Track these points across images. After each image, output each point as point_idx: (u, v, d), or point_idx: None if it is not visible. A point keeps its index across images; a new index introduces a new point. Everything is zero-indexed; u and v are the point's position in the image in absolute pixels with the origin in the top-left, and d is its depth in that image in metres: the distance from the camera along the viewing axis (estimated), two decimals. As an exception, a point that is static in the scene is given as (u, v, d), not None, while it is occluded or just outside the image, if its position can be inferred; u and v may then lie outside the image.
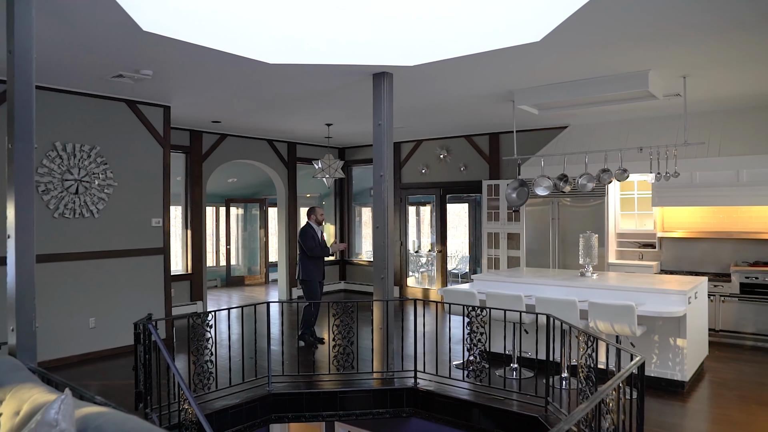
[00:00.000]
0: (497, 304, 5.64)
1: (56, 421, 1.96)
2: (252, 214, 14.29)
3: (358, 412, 5.48)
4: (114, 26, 4.42)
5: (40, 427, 1.93)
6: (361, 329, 5.71)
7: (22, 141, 3.32)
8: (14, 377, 2.83)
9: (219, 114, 8.35)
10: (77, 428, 2.07)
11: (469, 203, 11.72)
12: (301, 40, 5.21)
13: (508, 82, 6.33)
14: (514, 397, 5.13)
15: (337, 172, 9.24)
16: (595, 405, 2.69)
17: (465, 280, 11.22)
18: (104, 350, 6.94)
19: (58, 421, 1.96)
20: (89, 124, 6.85)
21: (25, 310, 3.38)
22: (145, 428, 2.01)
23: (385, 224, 5.76)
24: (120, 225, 7.13)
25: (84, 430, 2.08)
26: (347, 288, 12.41)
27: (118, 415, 2.16)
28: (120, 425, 2.05)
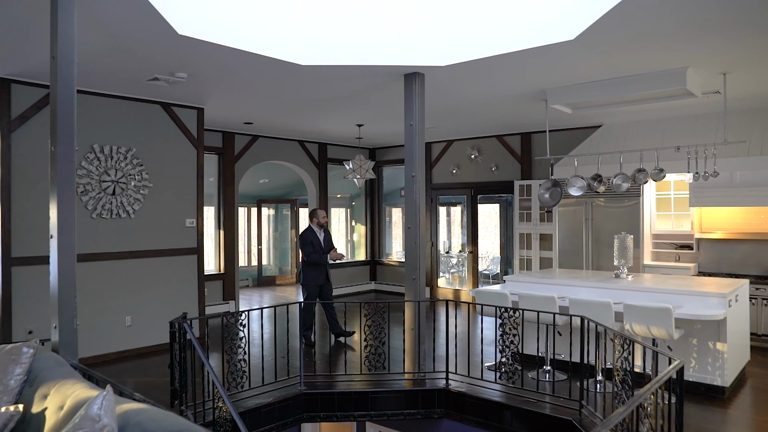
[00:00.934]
0: (530, 306, 5.58)
1: (99, 416, 2.01)
2: (283, 215, 14.43)
3: (389, 413, 5.48)
4: (150, 30, 4.51)
5: (83, 421, 1.98)
6: (391, 329, 5.70)
7: (64, 144, 3.42)
8: (57, 373, 2.91)
9: (251, 115, 8.45)
10: (118, 424, 2.12)
11: (500, 204, 11.62)
12: (333, 41, 5.24)
13: (541, 81, 6.26)
14: (547, 400, 5.07)
15: (368, 173, 9.26)
16: (634, 409, 2.64)
17: (496, 282, 11.13)
18: (140, 348, 7.08)
19: (100, 416, 2.01)
20: (126, 127, 7.00)
21: (66, 308, 3.48)
22: (183, 425, 2.04)
23: (417, 225, 5.76)
24: (155, 225, 7.27)
25: (125, 425, 2.13)
26: (377, 288, 12.43)
27: (157, 412, 2.20)
28: (159, 421, 2.09)
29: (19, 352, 2.92)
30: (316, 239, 7.35)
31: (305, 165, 11.20)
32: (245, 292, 12.41)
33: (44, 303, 6.13)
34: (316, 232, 7.40)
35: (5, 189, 6.08)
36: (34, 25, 4.43)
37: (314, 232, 7.39)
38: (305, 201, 12.47)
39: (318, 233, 7.42)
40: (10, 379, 2.84)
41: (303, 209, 14.01)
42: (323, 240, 7.44)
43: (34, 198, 6.20)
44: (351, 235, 13.07)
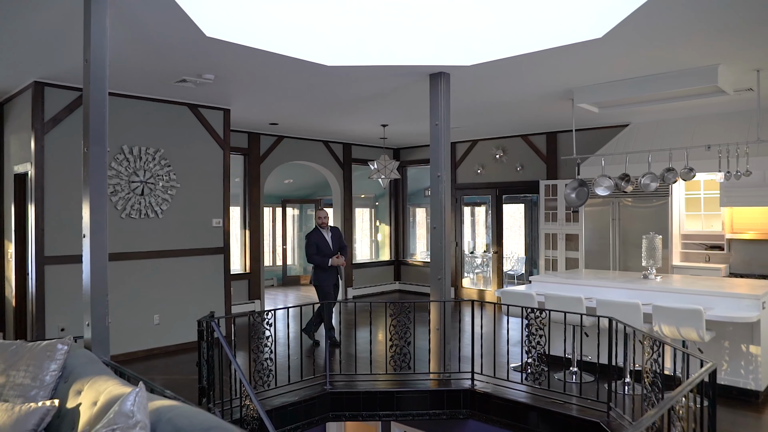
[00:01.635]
0: (556, 306, 5.53)
1: (132, 412, 2.04)
2: (307, 215, 14.50)
3: (414, 413, 5.48)
4: (179, 33, 4.58)
5: (118, 417, 2.02)
6: (416, 329, 5.70)
7: (97, 145, 3.49)
8: (91, 369, 2.97)
9: (276, 116, 8.52)
10: (150, 420, 2.16)
11: (525, 204, 11.53)
12: (359, 41, 5.26)
13: (568, 80, 6.19)
14: (573, 402, 5.02)
15: (393, 173, 9.26)
16: (665, 412, 2.60)
17: (521, 282, 11.05)
18: (168, 346, 7.18)
19: (134, 412, 2.05)
20: (154, 128, 7.11)
21: (99, 306, 3.55)
22: (214, 422, 2.07)
23: (443, 225, 5.74)
24: (182, 225, 7.37)
25: (157, 421, 2.17)
26: (402, 288, 12.43)
27: (188, 409, 2.24)
28: (190, 418, 2.12)
29: (54, 348, 2.98)
30: (321, 240, 7.26)
31: (330, 165, 11.25)
32: (270, 291, 12.51)
33: (75, 301, 6.27)
34: (323, 232, 7.32)
35: (39, 189, 6.23)
36: (67, 30, 4.53)
37: (320, 232, 7.32)
38: (330, 201, 12.52)
39: (325, 233, 7.33)
40: (46, 374, 2.91)
41: (327, 209, 14.06)
42: (331, 240, 7.33)
43: (66, 198, 6.33)
44: (375, 235, 13.10)
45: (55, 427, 2.72)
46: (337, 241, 7.40)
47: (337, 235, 7.45)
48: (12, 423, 2.61)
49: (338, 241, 7.41)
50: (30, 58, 5.42)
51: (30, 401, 2.79)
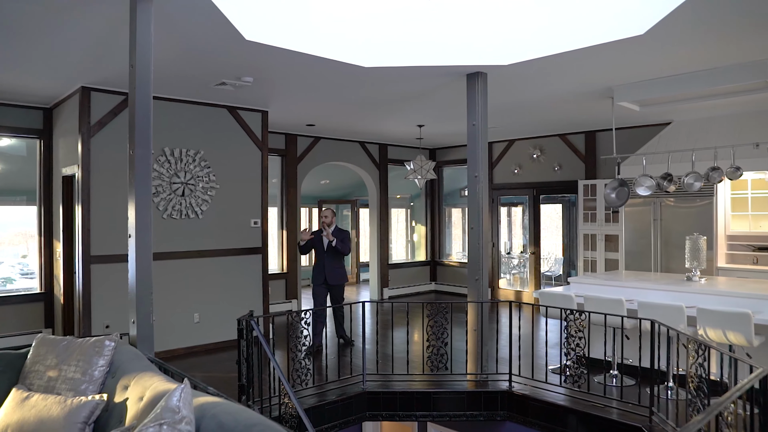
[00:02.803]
0: (596, 308, 5.43)
1: (178, 408, 2.10)
2: (343, 215, 14.60)
3: (451, 414, 5.47)
4: (220, 37, 4.67)
5: (164, 412, 2.08)
6: (453, 330, 5.68)
7: (142, 147, 3.58)
8: (136, 366, 3.06)
9: (313, 117, 8.60)
10: (195, 415, 2.21)
11: (563, 204, 11.37)
12: (396, 42, 5.27)
13: (608, 78, 6.08)
14: (614, 405, 4.93)
15: (429, 173, 9.24)
16: (713, 418, 2.53)
17: (558, 283, 10.90)
18: (207, 344, 7.32)
19: (179, 408, 2.10)
20: (194, 130, 7.26)
21: (143, 305, 3.65)
22: (257, 419, 2.11)
23: (480, 225, 5.71)
24: (221, 225, 7.51)
25: (201, 417, 2.22)
26: (437, 289, 12.40)
27: (232, 406, 2.28)
28: (234, 415, 2.16)
29: (102, 345, 3.08)
30: (317, 239, 7.21)
31: (366, 166, 11.30)
32: (306, 291, 12.60)
33: (119, 299, 6.44)
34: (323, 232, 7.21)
35: (85, 191, 6.43)
36: (112, 37, 4.68)
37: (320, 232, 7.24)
38: (365, 201, 12.57)
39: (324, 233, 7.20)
40: (95, 370, 3.00)
41: (363, 210, 14.14)
42: (326, 242, 7.17)
43: (110, 199, 6.52)
44: (411, 235, 13.09)
45: (104, 420, 2.81)
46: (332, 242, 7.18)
47: (338, 238, 7.16)
48: (65, 415, 2.71)
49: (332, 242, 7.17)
50: (78, 64, 5.61)
51: (80, 395, 2.89)
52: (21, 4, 4.01)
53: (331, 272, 7.16)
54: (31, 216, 7.94)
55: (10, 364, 3.19)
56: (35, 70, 5.81)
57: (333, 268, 7.18)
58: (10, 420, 2.79)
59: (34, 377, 3.04)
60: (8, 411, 2.84)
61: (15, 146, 7.80)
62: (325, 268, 7.17)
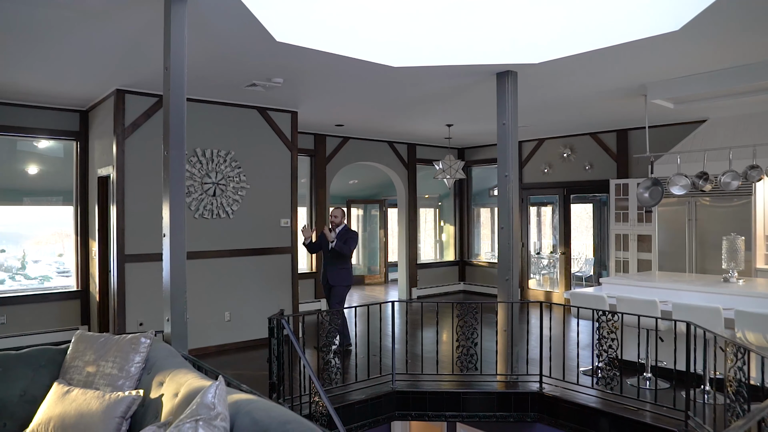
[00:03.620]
0: (629, 309, 5.34)
1: (213, 404, 2.13)
2: (371, 215, 14.63)
3: (481, 414, 5.44)
4: (251, 38, 4.72)
5: (200, 408, 2.11)
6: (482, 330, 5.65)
7: (176, 148, 3.65)
8: (171, 362, 3.11)
9: (342, 117, 8.64)
10: (230, 412, 2.24)
11: (593, 203, 11.22)
12: (425, 42, 5.26)
13: (641, 75, 5.98)
14: (648, 408, 4.84)
15: (458, 173, 9.21)
16: (754, 424, 2.47)
17: (589, 284, 10.76)
18: (238, 342, 7.41)
19: (215, 404, 2.13)
20: (225, 131, 7.36)
21: (178, 303, 3.71)
22: (291, 416, 2.13)
23: (510, 225, 5.67)
24: (252, 225, 7.59)
25: (236, 413, 2.25)
26: (466, 289, 12.34)
27: (265, 403, 2.31)
28: (268, 411, 2.19)
29: (138, 342, 3.15)
30: (325, 240, 6.99)
31: (394, 166, 11.31)
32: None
33: (152, 297, 6.60)
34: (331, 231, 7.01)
35: (120, 192, 6.57)
36: (146, 40, 4.77)
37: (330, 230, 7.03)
38: (394, 201, 12.57)
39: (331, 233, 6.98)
40: (131, 366, 3.07)
41: (391, 209, 14.15)
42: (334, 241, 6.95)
43: (143, 199, 6.65)
44: (440, 235, 13.06)
45: (140, 415, 2.87)
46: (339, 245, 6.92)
47: (343, 238, 6.90)
48: (103, 409, 2.77)
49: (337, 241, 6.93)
50: (112, 68, 5.74)
51: (118, 390, 2.96)
52: (58, 11, 4.12)
53: (332, 273, 6.97)
54: (67, 216, 8.15)
55: (52, 360, 3.29)
56: (72, 74, 5.97)
57: (335, 269, 6.97)
58: (53, 413, 2.87)
59: (74, 372, 3.12)
60: (51, 404, 2.92)
61: (53, 148, 8.01)
62: (327, 267, 7.03)
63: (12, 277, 9.51)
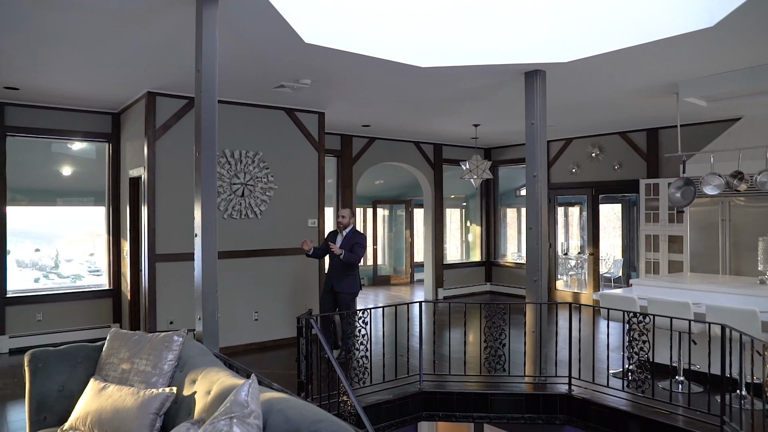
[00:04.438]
0: (660, 311, 5.25)
1: (247, 402, 2.16)
2: (397, 215, 14.64)
3: (508, 416, 5.40)
4: (279, 40, 4.76)
5: (233, 406, 2.14)
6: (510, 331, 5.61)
7: (208, 149, 3.70)
8: (203, 361, 3.16)
9: (369, 118, 8.66)
10: (262, 410, 2.26)
11: (622, 204, 11.06)
12: (453, 41, 5.25)
13: (673, 73, 5.87)
14: (680, 413, 4.75)
15: (485, 173, 9.16)
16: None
17: (618, 285, 10.61)
18: (266, 341, 7.48)
19: (248, 402, 2.16)
20: (253, 132, 7.44)
21: (209, 302, 3.76)
22: (322, 415, 2.14)
23: (539, 225, 5.62)
24: (279, 225, 7.65)
25: (268, 412, 2.27)
26: (492, 290, 12.27)
27: (297, 402, 2.33)
28: (300, 410, 2.21)
29: (170, 340, 3.20)
30: (330, 239, 6.65)
31: (421, 166, 11.30)
32: (361, 291, 12.70)
33: (182, 295, 6.70)
34: (337, 235, 6.68)
35: (151, 192, 6.69)
36: (177, 43, 4.84)
37: (336, 232, 6.74)
38: (419, 201, 12.58)
39: (338, 235, 6.66)
40: (164, 363, 3.12)
41: (417, 210, 14.15)
42: (340, 244, 6.54)
43: (174, 200, 6.76)
44: (466, 235, 13.01)
45: (173, 412, 2.92)
46: (346, 247, 6.49)
47: (351, 242, 6.52)
48: (138, 406, 2.83)
49: (347, 247, 6.48)
50: (144, 71, 5.84)
51: (151, 387, 3.01)
52: (93, 17, 4.21)
53: (337, 279, 6.50)
54: (98, 216, 8.33)
55: (88, 356, 3.37)
56: (105, 77, 6.10)
57: (341, 275, 6.50)
58: (90, 408, 2.94)
59: (109, 369, 3.19)
60: (88, 400, 2.99)
61: (86, 150, 8.20)
62: (332, 272, 6.57)
63: (46, 275, 9.75)
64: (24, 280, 9.18)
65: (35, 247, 9.95)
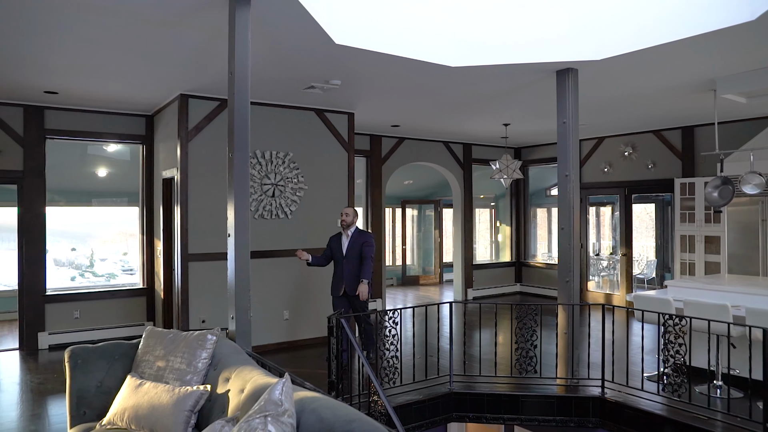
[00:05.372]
0: (697, 314, 5.12)
1: (281, 401, 2.17)
2: (426, 215, 14.60)
3: (540, 418, 5.33)
4: (310, 41, 4.79)
5: (268, 405, 2.16)
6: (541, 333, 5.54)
7: (240, 151, 3.74)
8: (236, 359, 3.20)
9: (398, 118, 8.65)
10: (296, 409, 2.27)
11: (656, 203, 10.84)
12: (483, 41, 5.21)
13: (710, 69, 5.73)
14: (719, 418, 4.63)
15: (516, 173, 9.08)
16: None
17: (651, 286, 10.40)
18: (296, 341, 7.53)
19: (282, 401, 2.17)
20: (283, 133, 7.50)
21: (242, 301, 3.80)
22: (355, 415, 2.15)
23: (571, 226, 5.54)
24: (309, 225, 7.70)
25: (301, 410, 2.28)
26: (523, 290, 12.15)
27: (330, 401, 2.34)
28: (333, 410, 2.21)
29: (204, 338, 3.24)
30: (336, 243, 6.34)
31: (450, 166, 11.25)
32: (390, 291, 12.73)
33: (214, 295, 6.79)
34: (341, 235, 6.36)
35: (183, 193, 6.79)
36: (210, 46, 4.91)
37: (339, 234, 6.40)
38: (448, 201, 12.51)
39: (343, 237, 6.31)
40: (198, 362, 3.17)
41: (446, 210, 14.09)
42: (347, 245, 6.22)
43: (206, 200, 6.86)
44: (495, 236, 12.91)
45: (207, 409, 2.96)
46: (354, 249, 6.17)
47: (358, 242, 6.18)
48: (173, 402, 2.88)
49: (355, 249, 6.17)
50: (177, 74, 5.94)
51: (186, 385, 3.06)
52: (128, 21, 4.29)
53: (350, 281, 6.17)
54: (131, 216, 8.50)
55: (125, 354, 3.44)
56: (139, 80, 6.22)
57: (353, 277, 6.17)
58: (127, 404, 3.00)
59: (145, 366, 3.25)
60: (125, 396, 3.06)
61: (121, 151, 8.37)
62: (344, 276, 6.21)
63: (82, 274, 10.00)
64: (61, 279, 9.43)
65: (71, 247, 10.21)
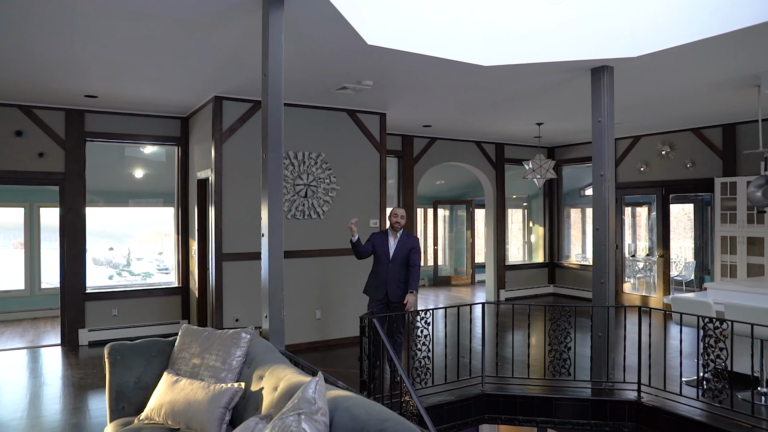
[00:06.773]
0: (739, 317, 4.98)
1: (314, 399, 2.19)
2: (458, 216, 14.53)
3: (573, 421, 5.25)
4: (342, 43, 4.82)
5: (301, 403, 2.17)
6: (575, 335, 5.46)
7: (274, 151, 3.78)
8: (270, 358, 3.23)
9: (430, 118, 8.63)
10: (329, 407, 2.29)
11: (694, 203, 10.57)
12: (516, 39, 5.16)
13: (753, 64, 5.54)
14: (764, 426, 4.49)
15: (549, 173, 8.96)
16: None
17: (690, 289, 10.16)
18: (327, 340, 7.58)
19: (315, 399, 2.19)
20: (316, 134, 7.55)
21: (275, 300, 3.84)
22: (389, 414, 2.15)
23: (606, 226, 5.44)
24: (342, 225, 7.69)
25: (334, 409, 2.29)
26: (556, 292, 11.99)
27: (363, 400, 2.34)
28: (366, 409, 2.22)
29: (239, 336, 3.29)
30: (381, 241, 5.86)
31: (482, 166, 11.17)
32: (422, 291, 12.70)
33: (248, 294, 6.87)
34: (389, 235, 5.88)
35: (218, 193, 6.90)
36: (243, 49, 4.98)
37: (385, 234, 5.92)
38: (480, 202, 12.43)
39: (391, 237, 5.86)
40: (233, 360, 3.21)
41: (478, 210, 13.99)
42: (395, 246, 5.80)
43: (240, 201, 6.95)
44: (528, 236, 12.77)
45: (241, 406, 3.00)
46: (402, 252, 5.79)
47: (406, 246, 5.80)
48: (209, 399, 2.93)
49: (402, 252, 5.79)
50: (212, 76, 6.04)
51: (221, 382, 3.11)
52: (164, 26, 4.38)
53: (394, 287, 5.76)
54: (166, 216, 8.67)
55: (161, 351, 3.51)
56: (175, 83, 6.34)
57: (397, 282, 5.77)
58: (164, 400, 3.06)
59: (181, 363, 3.31)
60: (162, 392, 3.12)
61: (157, 153, 8.55)
62: (387, 280, 5.76)
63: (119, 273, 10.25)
64: (100, 277, 9.68)
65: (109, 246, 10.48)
